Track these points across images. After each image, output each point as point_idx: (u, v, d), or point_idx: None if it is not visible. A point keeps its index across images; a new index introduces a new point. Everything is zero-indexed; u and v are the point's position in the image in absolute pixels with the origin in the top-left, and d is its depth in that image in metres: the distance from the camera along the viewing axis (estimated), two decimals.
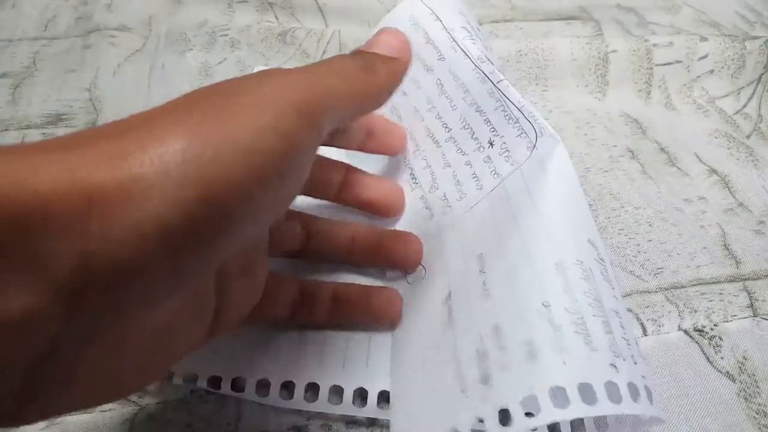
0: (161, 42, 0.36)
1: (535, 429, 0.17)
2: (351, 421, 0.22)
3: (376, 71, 0.17)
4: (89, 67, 0.35)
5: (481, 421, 0.16)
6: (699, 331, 0.24)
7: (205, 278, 0.16)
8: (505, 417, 0.15)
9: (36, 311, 0.11)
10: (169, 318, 0.15)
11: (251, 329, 0.22)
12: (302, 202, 0.24)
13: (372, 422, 0.22)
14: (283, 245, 0.23)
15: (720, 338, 0.24)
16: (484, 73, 0.22)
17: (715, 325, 0.24)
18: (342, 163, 0.24)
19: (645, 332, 0.24)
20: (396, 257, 0.24)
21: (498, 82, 0.22)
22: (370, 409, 0.21)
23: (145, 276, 0.12)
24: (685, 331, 0.24)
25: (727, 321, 0.24)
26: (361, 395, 0.21)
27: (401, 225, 0.25)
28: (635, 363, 0.16)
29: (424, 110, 0.25)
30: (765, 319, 0.25)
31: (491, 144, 0.23)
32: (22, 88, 0.34)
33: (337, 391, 0.21)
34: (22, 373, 0.12)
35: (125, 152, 0.11)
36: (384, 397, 0.21)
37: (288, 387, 0.22)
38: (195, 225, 0.12)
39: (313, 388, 0.22)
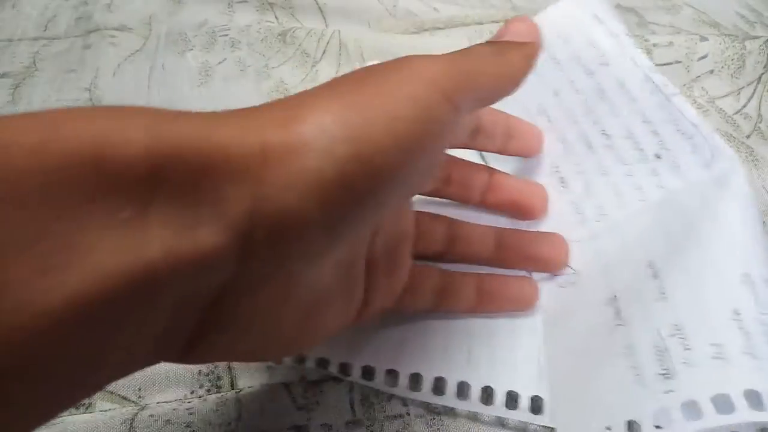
0: (161, 42, 0.36)
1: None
2: (351, 421, 0.22)
3: (509, 55, 0.18)
4: (89, 67, 0.35)
5: (665, 412, 0.16)
6: None
7: (356, 249, 0.18)
8: (692, 411, 0.16)
9: (219, 249, 0.12)
10: (323, 287, 0.16)
11: (389, 319, 0.23)
12: (446, 205, 0.25)
13: (372, 423, 0.22)
14: (427, 247, 0.23)
15: None
16: (655, 84, 0.22)
17: None
18: (485, 165, 0.25)
19: None
20: (542, 258, 0.24)
21: (671, 95, 0.22)
22: (497, 408, 0.21)
23: (302, 223, 0.13)
24: None
25: None
26: (488, 394, 0.21)
27: (546, 227, 0.25)
28: None
29: (579, 114, 0.25)
30: None
31: (658, 157, 0.22)
32: (22, 88, 0.34)
33: (463, 388, 0.22)
34: (200, 308, 0.14)
35: (289, 116, 0.13)
36: (511, 398, 0.21)
37: (417, 379, 0.22)
38: (347, 178, 0.13)
39: (440, 382, 0.22)
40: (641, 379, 0.18)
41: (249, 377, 0.23)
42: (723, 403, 0.16)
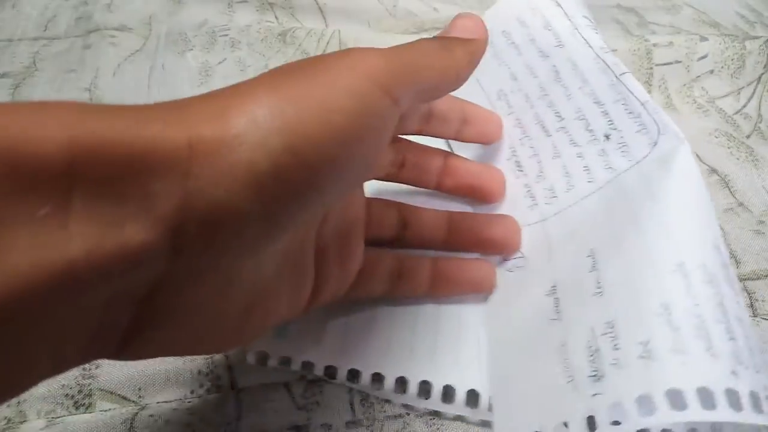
0: (161, 42, 0.36)
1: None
2: (351, 421, 0.22)
3: (453, 51, 0.18)
4: (89, 67, 0.35)
5: (592, 416, 0.16)
6: None
7: (302, 239, 0.17)
8: (617, 414, 0.15)
9: (147, 245, 0.12)
10: (267, 278, 0.16)
11: (348, 317, 0.23)
12: (401, 189, 0.24)
13: (372, 423, 0.22)
14: (380, 233, 0.23)
15: None
16: (606, 64, 0.22)
17: None
18: (441, 150, 0.24)
19: None
20: (494, 241, 0.24)
21: (621, 75, 0.21)
22: (458, 406, 0.21)
23: (237, 217, 0.13)
24: None
25: None
26: (447, 393, 0.21)
27: (501, 212, 0.25)
28: (757, 372, 0.16)
29: (535, 97, 0.25)
30: (765, 319, 0.25)
31: (607, 137, 0.22)
32: (22, 88, 0.34)
33: (402, 382, 0.22)
34: (133, 305, 0.13)
35: (221, 108, 0.13)
36: (446, 392, 0.21)
37: (356, 374, 0.22)
38: (280, 171, 0.13)
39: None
40: (573, 381, 0.17)
41: (249, 377, 0.23)
42: (647, 405, 0.15)
